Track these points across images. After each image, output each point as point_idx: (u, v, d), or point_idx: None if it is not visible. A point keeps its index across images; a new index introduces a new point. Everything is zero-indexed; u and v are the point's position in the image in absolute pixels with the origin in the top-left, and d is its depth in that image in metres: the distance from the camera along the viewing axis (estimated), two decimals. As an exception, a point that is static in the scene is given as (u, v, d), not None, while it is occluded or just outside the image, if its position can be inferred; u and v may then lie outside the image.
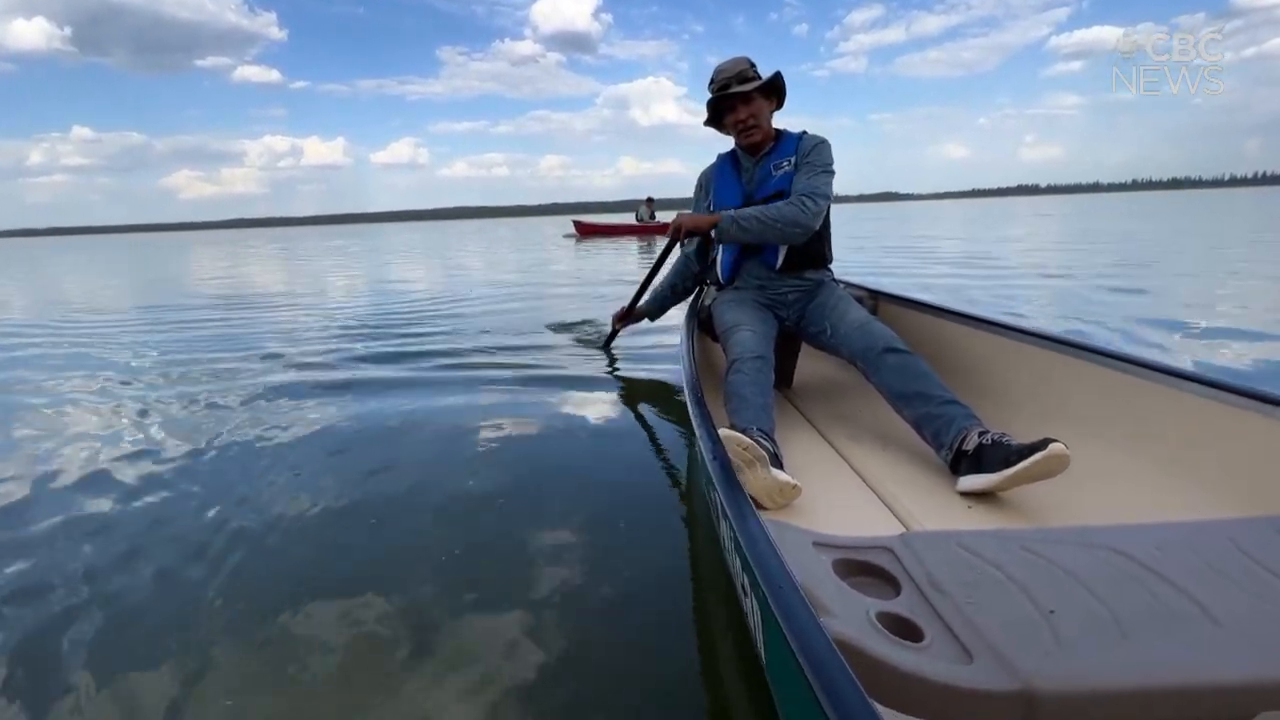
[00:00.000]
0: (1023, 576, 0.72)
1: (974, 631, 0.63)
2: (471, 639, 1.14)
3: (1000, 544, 0.78)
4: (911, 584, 0.72)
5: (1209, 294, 4.79)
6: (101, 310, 6.44)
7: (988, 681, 0.57)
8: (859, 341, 1.67)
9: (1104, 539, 0.79)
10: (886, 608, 0.67)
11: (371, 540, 1.52)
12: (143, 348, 4.08)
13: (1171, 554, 0.75)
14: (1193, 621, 0.64)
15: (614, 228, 19.38)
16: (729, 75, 1.90)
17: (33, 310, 6.83)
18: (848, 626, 0.62)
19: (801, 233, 1.83)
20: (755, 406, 1.51)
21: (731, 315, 1.86)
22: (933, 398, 1.47)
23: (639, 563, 1.38)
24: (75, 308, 6.83)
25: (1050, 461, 1.20)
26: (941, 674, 0.58)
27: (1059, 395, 1.55)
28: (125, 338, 4.56)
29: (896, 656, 0.60)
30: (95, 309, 6.57)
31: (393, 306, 5.73)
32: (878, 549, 0.78)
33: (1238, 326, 3.58)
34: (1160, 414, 1.29)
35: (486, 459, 1.97)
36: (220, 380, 3.11)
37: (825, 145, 1.89)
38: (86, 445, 2.24)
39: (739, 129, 1.92)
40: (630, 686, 1.02)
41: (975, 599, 0.68)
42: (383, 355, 3.55)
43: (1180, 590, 0.68)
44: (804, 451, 1.60)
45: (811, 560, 0.74)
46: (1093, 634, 0.63)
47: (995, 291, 5.21)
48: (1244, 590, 0.68)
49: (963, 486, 1.32)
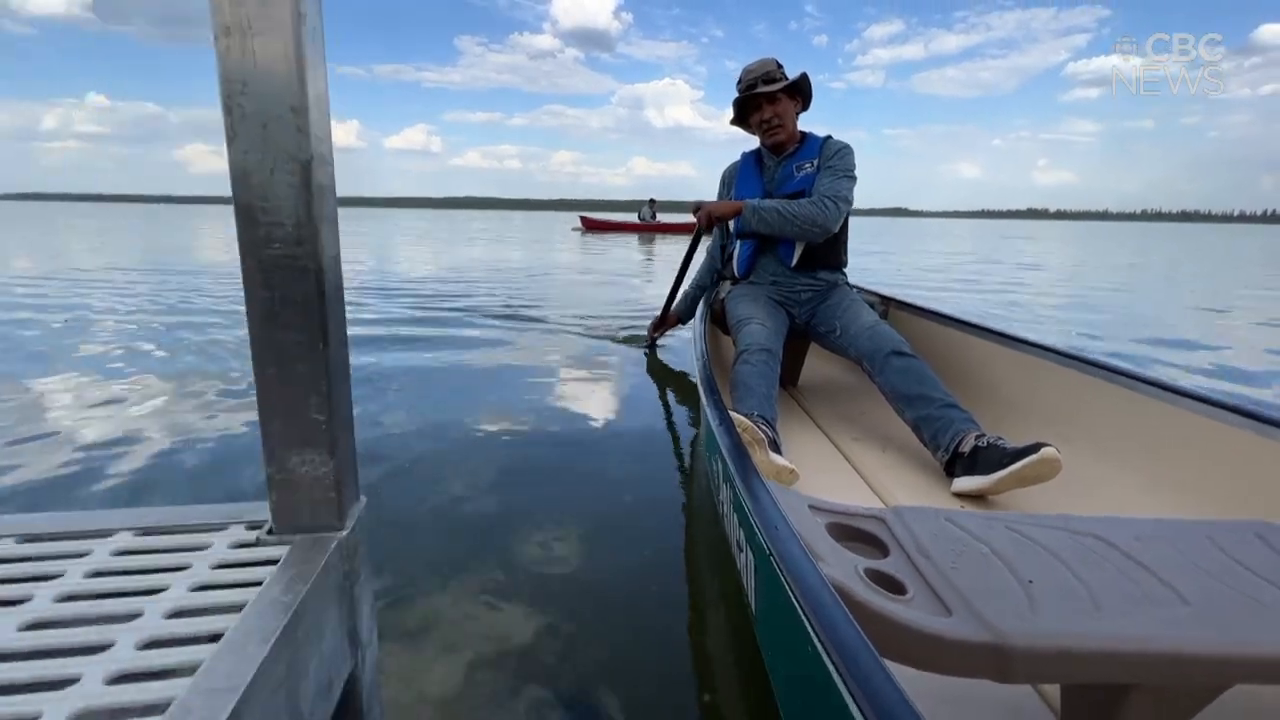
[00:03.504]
0: (1005, 551, 0.75)
1: (954, 591, 0.67)
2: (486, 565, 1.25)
3: (987, 523, 0.82)
4: (899, 548, 0.76)
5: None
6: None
7: (964, 633, 0.61)
8: (867, 343, 1.70)
9: (1087, 526, 0.82)
10: (874, 565, 0.71)
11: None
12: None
13: (1150, 545, 0.78)
14: (1165, 602, 0.67)
15: (617, 225, 20.81)
16: (756, 75, 1.95)
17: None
18: (836, 573, 0.66)
19: (820, 232, 1.87)
20: (759, 395, 1.55)
21: (744, 309, 1.89)
22: (934, 400, 1.50)
23: (637, 536, 1.43)
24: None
25: (1042, 465, 1.23)
26: (921, 623, 0.62)
27: (1059, 405, 1.58)
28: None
29: (880, 604, 0.63)
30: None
31: (446, 287, 5.90)
32: (869, 517, 0.82)
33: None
34: (1155, 428, 1.33)
35: (493, 445, 2.02)
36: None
37: (849, 150, 1.93)
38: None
39: (764, 128, 1.96)
40: (618, 640, 1.07)
41: (958, 565, 0.72)
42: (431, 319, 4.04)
43: (1155, 576, 0.72)
44: (804, 446, 1.64)
45: (807, 520, 0.78)
46: (1068, 602, 0.66)
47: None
48: (1217, 580, 0.71)
49: (957, 488, 1.35)
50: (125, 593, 0.48)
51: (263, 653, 0.42)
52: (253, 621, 0.45)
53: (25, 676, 0.40)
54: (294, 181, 0.48)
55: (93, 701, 0.38)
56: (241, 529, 0.57)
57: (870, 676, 0.47)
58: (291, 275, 0.50)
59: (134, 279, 5.90)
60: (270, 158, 0.48)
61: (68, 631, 0.44)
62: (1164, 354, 3.49)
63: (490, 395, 2.45)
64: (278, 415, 0.52)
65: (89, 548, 0.54)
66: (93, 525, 0.57)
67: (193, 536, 0.56)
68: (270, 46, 0.46)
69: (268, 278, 0.50)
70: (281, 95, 0.47)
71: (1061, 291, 6.67)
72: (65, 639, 0.44)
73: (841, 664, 0.50)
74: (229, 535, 0.56)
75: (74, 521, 0.57)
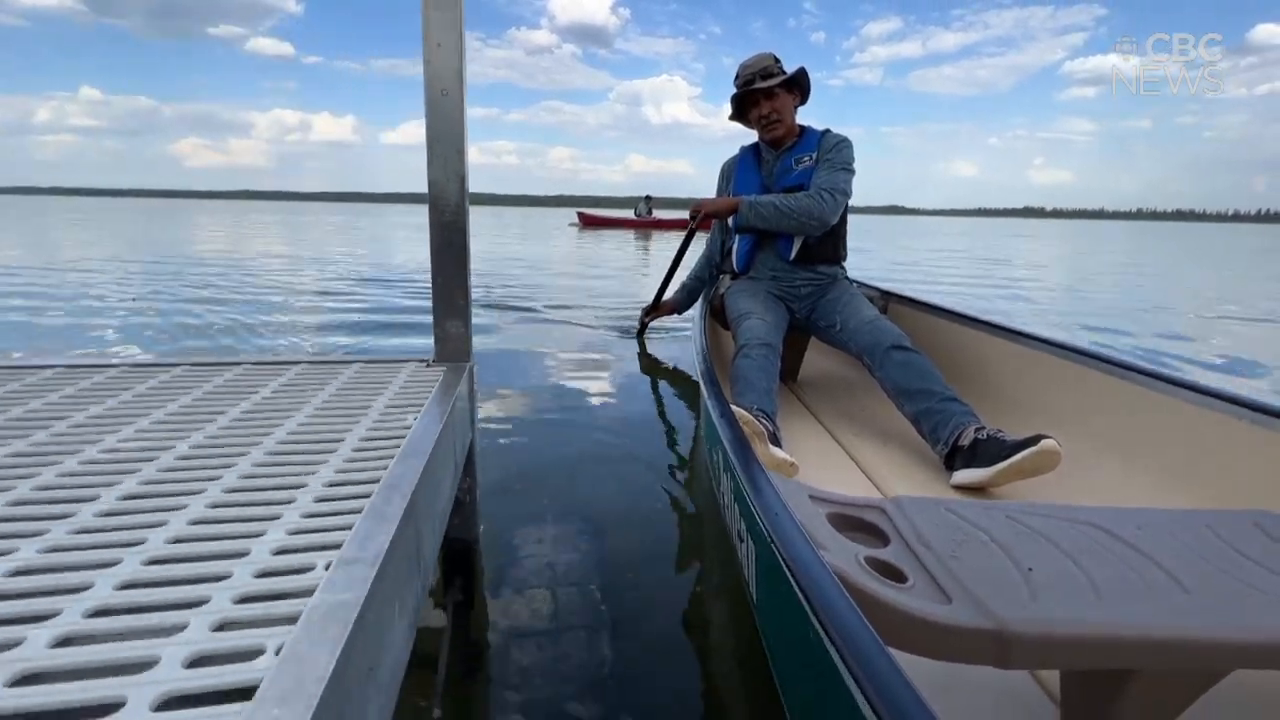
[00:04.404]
0: (1006, 540, 0.76)
1: (954, 579, 0.67)
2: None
3: (987, 512, 0.82)
4: (899, 538, 0.76)
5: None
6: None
7: (964, 619, 0.61)
8: (867, 337, 1.70)
9: (1087, 516, 0.83)
10: (875, 554, 0.71)
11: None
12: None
13: (1149, 534, 0.79)
14: (1165, 589, 0.67)
15: (613, 221, 21.17)
16: (754, 70, 1.94)
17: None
18: (837, 561, 0.66)
19: (817, 225, 1.86)
20: (760, 390, 1.55)
21: (744, 304, 1.89)
22: (934, 394, 1.50)
23: (636, 528, 1.43)
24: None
25: (1042, 457, 1.23)
26: (921, 610, 0.62)
27: (1059, 398, 1.59)
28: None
29: (881, 591, 0.63)
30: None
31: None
32: (870, 507, 0.82)
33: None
34: (1156, 421, 1.33)
35: (487, 436, 2.02)
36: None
37: (847, 144, 1.93)
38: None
39: (762, 123, 1.96)
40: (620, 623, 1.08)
41: (959, 554, 0.72)
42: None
43: (1156, 564, 0.72)
44: (805, 440, 1.64)
45: (807, 509, 0.78)
46: (1068, 590, 0.66)
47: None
48: (1217, 568, 0.72)
49: (956, 480, 1.36)
50: (357, 396, 0.95)
51: (435, 433, 0.79)
52: (425, 424, 0.82)
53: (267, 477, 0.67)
54: (454, 186, 1.06)
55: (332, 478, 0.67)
56: (418, 363, 1.14)
57: (872, 661, 0.48)
58: (451, 232, 1.09)
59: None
60: (445, 173, 1.06)
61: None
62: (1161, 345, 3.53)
63: (487, 383, 2.45)
64: (442, 300, 1.12)
65: (335, 373, 1.07)
66: (335, 358, 1.19)
67: (395, 366, 1.12)
68: (449, 102, 1.02)
69: (442, 231, 1.08)
70: (454, 132, 1.04)
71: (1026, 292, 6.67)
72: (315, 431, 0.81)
73: (845, 649, 0.50)
74: (412, 366, 1.12)
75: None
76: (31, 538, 0.53)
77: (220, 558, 0.52)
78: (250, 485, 0.65)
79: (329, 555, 0.52)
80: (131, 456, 0.70)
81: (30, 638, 0.42)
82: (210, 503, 0.61)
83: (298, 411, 0.87)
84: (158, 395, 0.93)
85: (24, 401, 0.88)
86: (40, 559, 0.51)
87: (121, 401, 0.90)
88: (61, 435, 0.77)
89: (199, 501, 0.61)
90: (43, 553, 0.52)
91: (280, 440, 0.76)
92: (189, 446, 0.74)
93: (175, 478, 0.66)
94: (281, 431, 0.79)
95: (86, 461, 0.69)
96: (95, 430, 0.78)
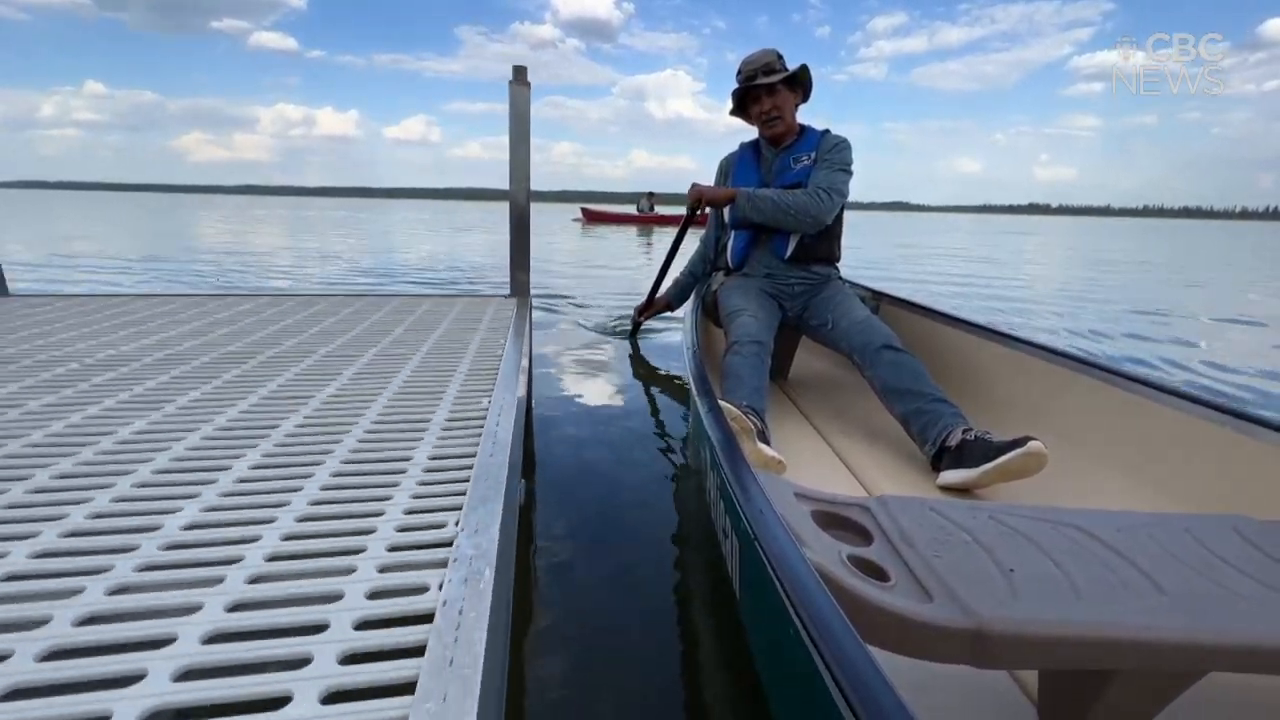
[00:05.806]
0: (988, 540, 0.76)
1: (936, 578, 0.68)
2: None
3: (971, 512, 0.83)
4: (883, 536, 0.76)
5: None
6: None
7: (944, 618, 0.62)
8: (858, 337, 1.71)
9: (1069, 518, 0.83)
10: (858, 552, 0.72)
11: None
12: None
13: (1130, 537, 0.79)
14: (1144, 591, 0.68)
15: (617, 216, 21.18)
16: (756, 66, 1.94)
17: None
18: (820, 558, 0.66)
19: (813, 224, 1.87)
20: (749, 387, 1.56)
21: (737, 300, 1.90)
22: (923, 395, 1.50)
23: (624, 524, 1.44)
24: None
25: (1028, 459, 1.24)
26: (902, 608, 0.62)
27: (1047, 402, 1.59)
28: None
29: (862, 589, 0.64)
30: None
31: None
32: (854, 505, 0.83)
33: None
34: (1141, 426, 1.34)
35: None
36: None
37: (846, 145, 1.93)
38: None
39: (762, 120, 1.96)
40: (604, 623, 1.08)
41: (941, 553, 0.73)
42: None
43: (1135, 566, 0.72)
44: (793, 438, 1.65)
45: (792, 507, 0.78)
46: (1048, 590, 0.67)
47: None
48: (1195, 572, 0.72)
49: (943, 480, 1.36)
50: (467, 319, 1.92)
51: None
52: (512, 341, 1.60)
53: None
54: (523, 191, 2.33)
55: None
56: (502, 299, 2.28)
57: (851, 659, 0.48)
58: (521, 216, 2.36)
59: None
60: (519, 187, 2.32)
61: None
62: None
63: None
64: (516, 256, 2.38)
65: (451, 305, 2.19)
66: (452, 294, 2.52)
67: (484, 301, 2.24)
68: (520, 132, 2.27)
69: (518, 216, 2.36)
70: (523, 160, 2.30)
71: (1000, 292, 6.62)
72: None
73: (824, 647, 0.50)
74: (498, 300, 2.27)
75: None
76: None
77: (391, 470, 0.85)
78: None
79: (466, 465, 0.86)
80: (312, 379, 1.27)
81: (229, 576, 0.61)
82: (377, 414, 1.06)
83: (435, 330, 1.75)
84: (326, 319, 1.89)
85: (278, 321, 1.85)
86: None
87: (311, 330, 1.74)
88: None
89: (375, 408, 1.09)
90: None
91: (423, 357, 1.45)
92: (362, 364, 1.37)
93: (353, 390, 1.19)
94: (424, 350, 1.51)
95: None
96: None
